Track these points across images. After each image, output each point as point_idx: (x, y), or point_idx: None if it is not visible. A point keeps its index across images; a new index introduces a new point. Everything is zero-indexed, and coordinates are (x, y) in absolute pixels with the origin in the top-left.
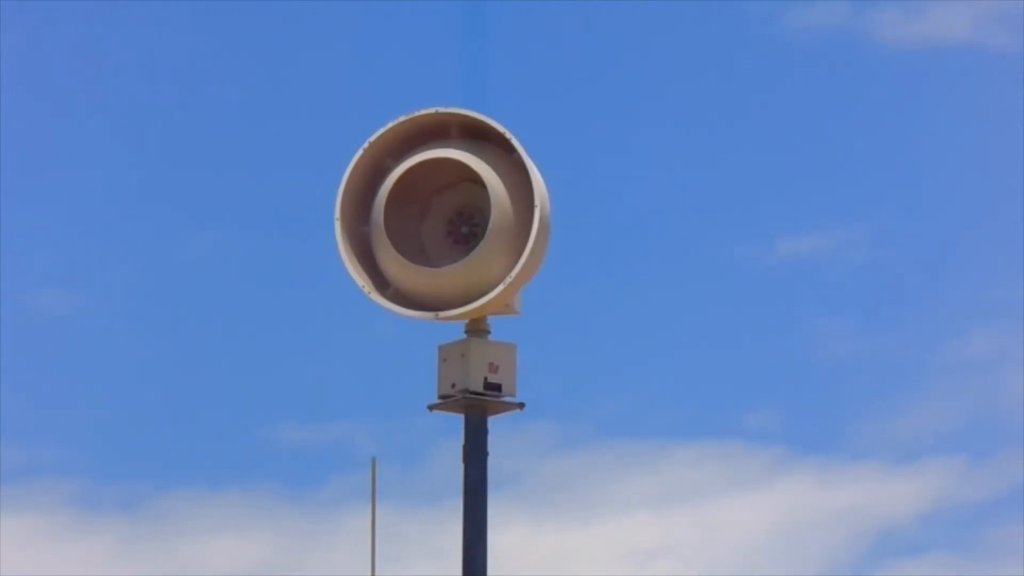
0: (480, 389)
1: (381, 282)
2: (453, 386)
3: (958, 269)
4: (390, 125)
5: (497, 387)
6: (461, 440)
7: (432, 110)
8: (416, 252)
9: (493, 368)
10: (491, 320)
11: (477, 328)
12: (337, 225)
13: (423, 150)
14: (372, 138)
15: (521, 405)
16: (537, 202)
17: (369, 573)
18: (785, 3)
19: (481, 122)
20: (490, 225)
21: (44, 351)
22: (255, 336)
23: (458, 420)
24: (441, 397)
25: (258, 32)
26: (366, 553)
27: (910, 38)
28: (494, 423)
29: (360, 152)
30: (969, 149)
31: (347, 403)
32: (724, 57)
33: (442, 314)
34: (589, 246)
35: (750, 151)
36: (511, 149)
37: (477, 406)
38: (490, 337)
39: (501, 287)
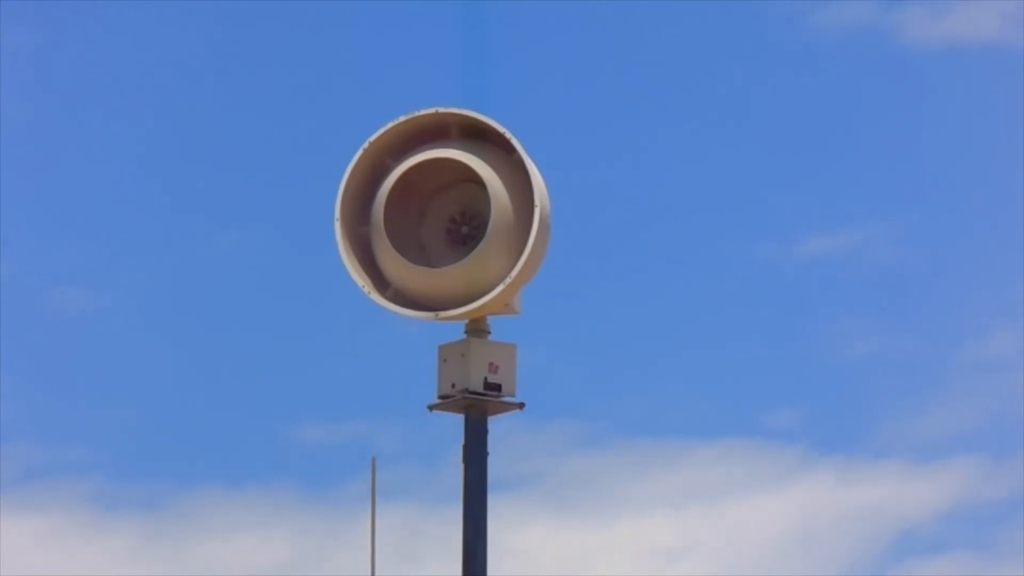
0: (480, 389)
1: (381, 282)
2: (453, 386)
3: (980, 268)
4: (390, 125)
5: (497, 387)
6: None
7: (432, 110)
8: (416, 252)
9: (493, 368)
10: (491, 320)
11: (477, 328)
12: (337, 225)
13: (423, 150)
14: (372, 138)
15: (521, 405)
16: (537, 202)
17: (374, 573)
18: (810, 2)
19: (481, 122)
20: (490, 225)
21: (64, 349)
22: (267, 336)
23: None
24: (441, 397)
25: (258, 32)
26: (384, 552)
27: (936, 37)
28: (515, 423)
29: (360, 152)
30: (992, 149)
31: (350, 403)
32: (746, 55)
33: (442, 314)
34: (590, 246)
35: (772, 150)
36: (511, 149)
37: (477, 406)
38: (490, 337)
39: (501, 287)
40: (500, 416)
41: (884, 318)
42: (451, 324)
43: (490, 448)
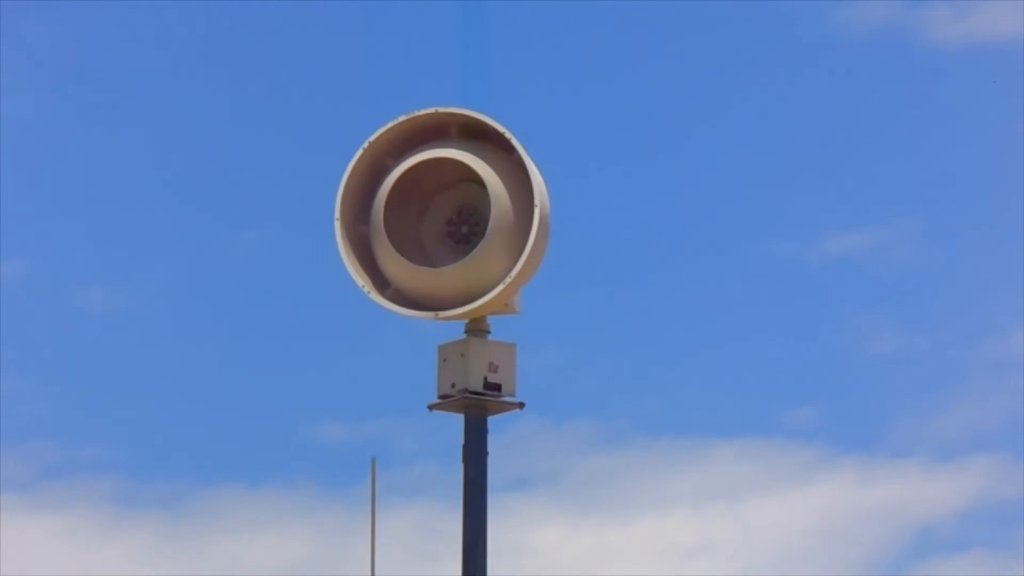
0: (480, 389)
1: (381, 282)
2: (453, 386)
3: (1000, 267)
4: (390, 125)
5: (497, 387)
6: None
7: (432, 110)
8: (416, 252)
9: (493, 368)
10: (491, 320)
11: (477, 328)
12: (337, 225)
13: (423, 150)
14: (372, 138)
15: (521, 405)
16: (537, 202)
17: (374, 573)
18: (834, 0)
19: (481, 122)
20: (490, 225)
21: (84, 348)
22: (273, 336)
23: (496, 419)
24: (441, 397)
25: (258, 32)
26: (401, 550)
27: (959, 36)
28: (531, 422)
29: (360, 152)
30: (1014, 147)
31: (363, 403)
32: (768, 52)
33: (442, 314)
34: (590, 246)
35: (792, 148)
36: (511, 149)
37: (477, 406)
38: (490, 337)
39: (501, 287)
40: (505, 415)
41: (904, 317)
42: (451, 324)
43: (507, 447)
